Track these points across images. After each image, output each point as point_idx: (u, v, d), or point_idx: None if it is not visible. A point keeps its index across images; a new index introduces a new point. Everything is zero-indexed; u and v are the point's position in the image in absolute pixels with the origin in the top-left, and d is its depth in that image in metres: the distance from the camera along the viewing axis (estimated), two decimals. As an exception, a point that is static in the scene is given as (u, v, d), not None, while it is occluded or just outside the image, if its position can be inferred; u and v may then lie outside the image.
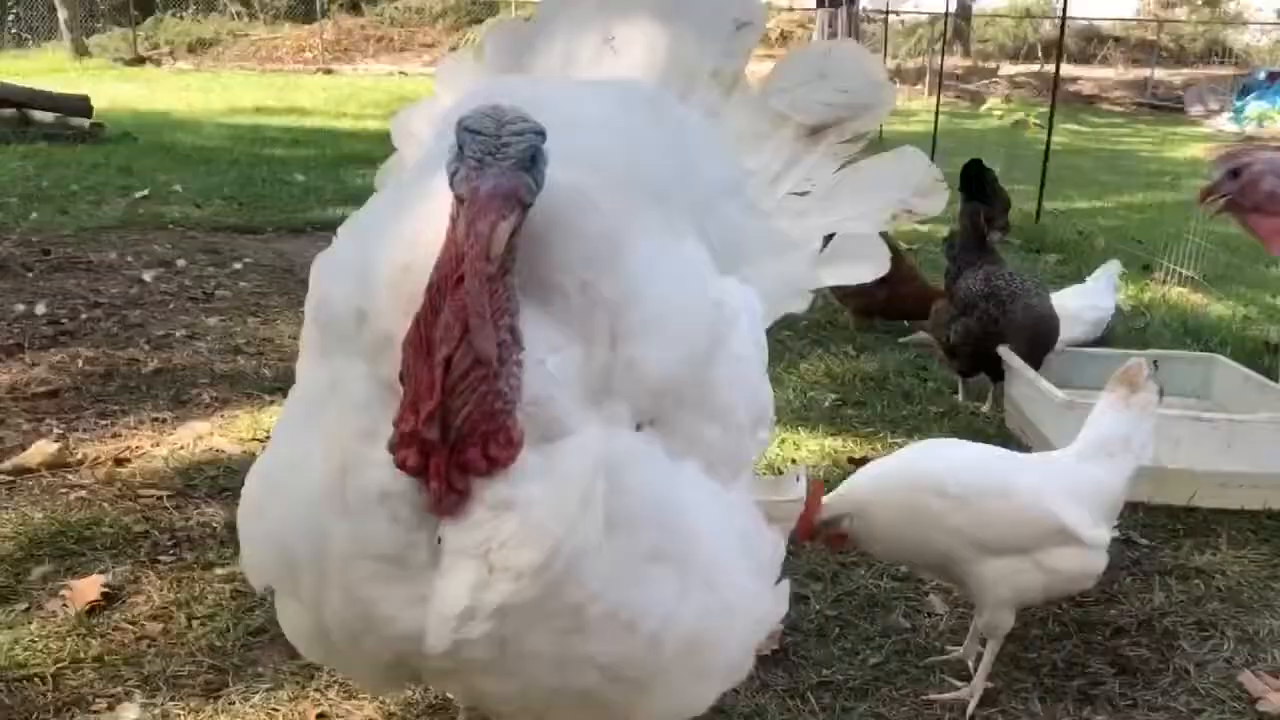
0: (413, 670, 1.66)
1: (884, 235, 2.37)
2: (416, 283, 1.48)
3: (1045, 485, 2.70)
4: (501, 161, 1.38)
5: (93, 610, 2.97)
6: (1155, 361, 4.46)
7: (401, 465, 1.45)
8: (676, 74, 2.21)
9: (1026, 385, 4.24)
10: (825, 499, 2.70)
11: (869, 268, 2.32)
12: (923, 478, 2.69)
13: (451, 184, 1.42)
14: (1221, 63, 27.33)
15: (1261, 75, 19.94)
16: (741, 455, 1.85)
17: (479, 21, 28.14)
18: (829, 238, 2.32)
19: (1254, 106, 18.24)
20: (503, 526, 1.46)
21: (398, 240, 1.58)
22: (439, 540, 1.48)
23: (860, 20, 17.85)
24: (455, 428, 1.42)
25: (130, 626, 2.94)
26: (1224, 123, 18.59)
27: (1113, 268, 6.05)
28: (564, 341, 1.53)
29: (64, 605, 3.00)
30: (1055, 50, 11.81)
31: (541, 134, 1.43)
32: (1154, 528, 3.62)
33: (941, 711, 2.69)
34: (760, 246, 2.09)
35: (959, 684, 2.78)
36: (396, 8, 29.03)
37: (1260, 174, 3.92)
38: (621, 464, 1.55)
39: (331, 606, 1.59)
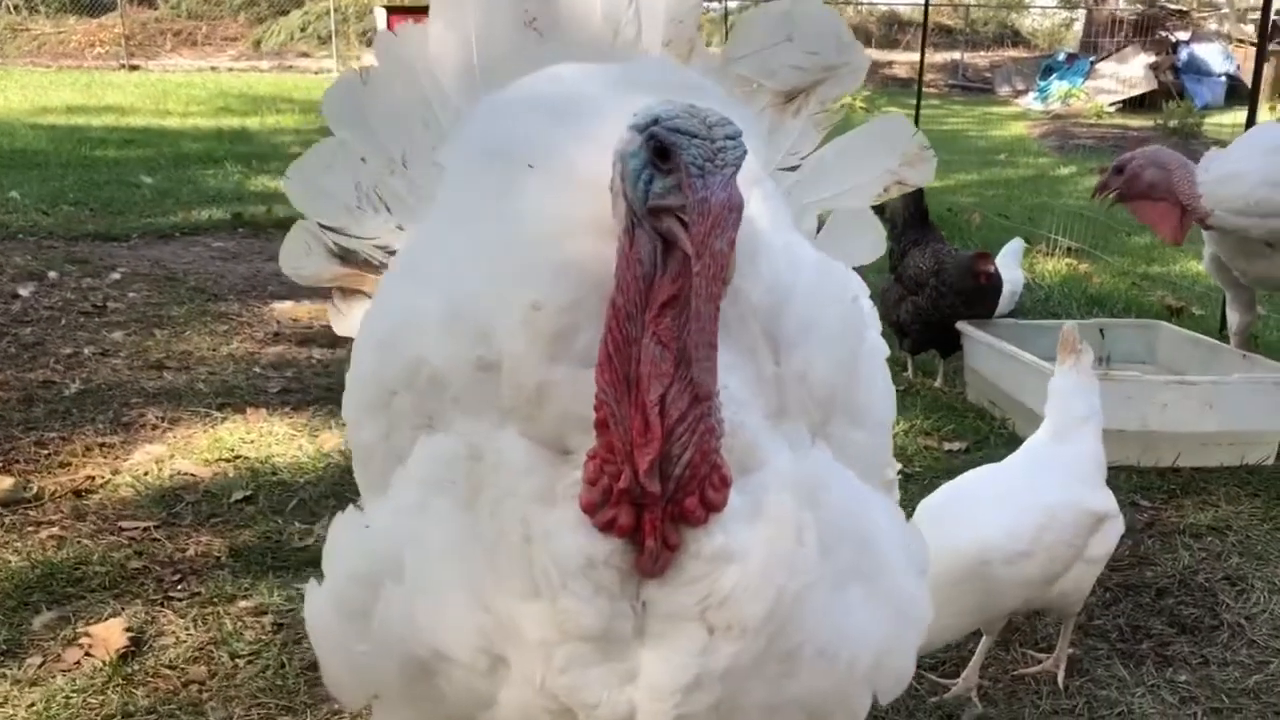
0: None
1: None
2: (554, 320, 1.33)
3: (1067, 484, 2.70)
4: (723, 169, 1.20)
5: (124, 658, 2.71)
6: (1101, 330, 4.69)
7: (609, 526, 1.28)
8: (618, 51, 1.97)
9: (1001, 358, 4.34)
10: None
11: (867, 245, 2.19)
12: (973, 557, 2.52)
13: (646, 194, 1.23)
14: (1014, 45, 28.87)
15: (1061, 56, 21.11)
16: (885, 457, 1.73)
17: (284, 14, 27.05)
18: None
19: (1057, 85, 19.31)
20: (723, 580, 1.30)
21: (510, 275, 1.38)
22: (642, 606, 1.32)
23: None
24: (675, 476, 1.26)
25: (171, 672, 2.70)
26: (1031, 101, 19.61)
27: (1017, 244, 6.27)
28: (735, 360, 1.37)
29: (86, 655, 2.73)
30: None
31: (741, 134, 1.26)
32: (1150, 490, 3.78)
33: (1038, 685, 2.73)
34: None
35: (1041, 656, 2.83)
36: (196, -1, 27.62)
37: (1141, 167, 4.39)
38: (817, 487, 1.43)
39: (509, 706, 1.38)
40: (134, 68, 21.22)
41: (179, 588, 3.06)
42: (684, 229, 1.20)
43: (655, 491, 1.26)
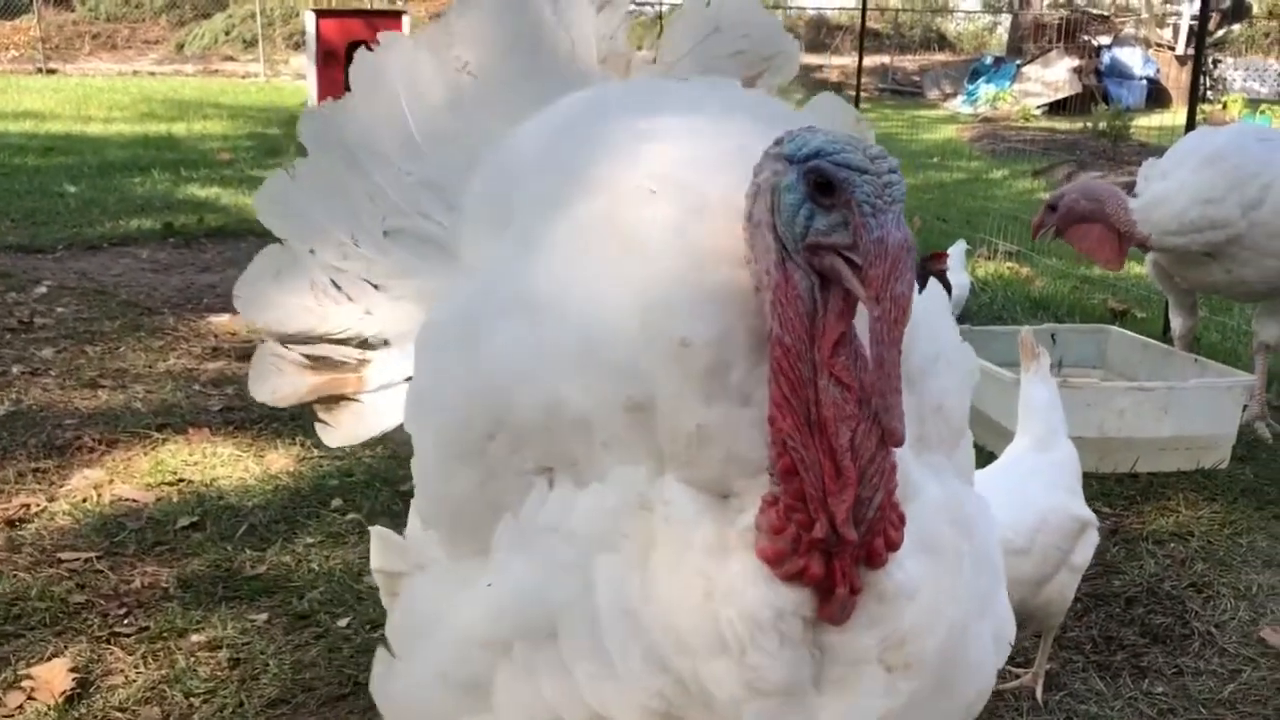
0: None
1: None
2: (704, 356, 1.27)
3: (1054, 491, 2.71)
4: (892, 206, 1.16)
5: (70, 700, 2.57)
6: (1053, 335, 4.71)
7: (797, 576, 1.24)
8: (563, 72, 1.97)
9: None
10: None
11: None
12: None
13: (806, 230, 1.19)
14: (940, 49, 29.25)
15: (989, 60, 21.45)
16: (973, 472, 1.71)
17: (207, 16, 26.52)
18: None
19: (985, 89, 19.59)
20: (901, 618, 1.28)
21: (650, 309, 1.30)
22: (819, 652, 1.29)
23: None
24: (867, 519, 1.23)
25: (120, 715, 2.56)
26: (960, 105, 19.86)
27: (960, 246, 6.30)
28: None
29: (29, 699, 2.58)
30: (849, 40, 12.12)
31: None
32: (1111, 496, 3.78)
33: (1017, 700, 2.71)
34: None
35: (1018, 671, 2.80)
36: (114, 1, 26.93)
37: (1074, 200, 4.50)
38: (966, 515, 1.42)
39: None
40: (51, 71, 20.67)
41: (125, 622, 2.92)
42: (851, 269, 1.17)
43: (853, 539, 1.22)
